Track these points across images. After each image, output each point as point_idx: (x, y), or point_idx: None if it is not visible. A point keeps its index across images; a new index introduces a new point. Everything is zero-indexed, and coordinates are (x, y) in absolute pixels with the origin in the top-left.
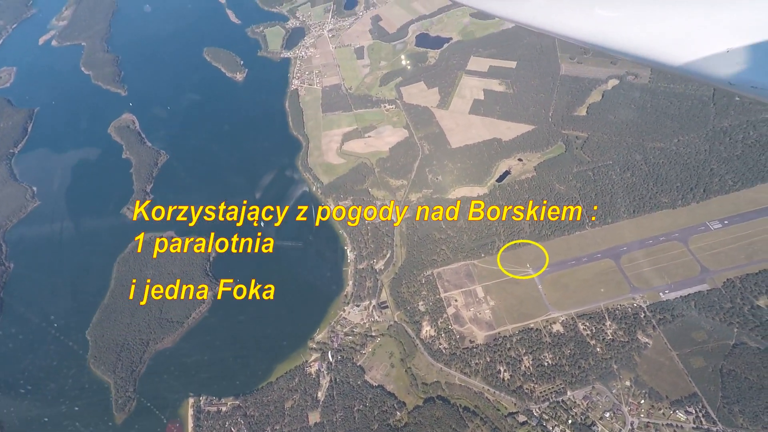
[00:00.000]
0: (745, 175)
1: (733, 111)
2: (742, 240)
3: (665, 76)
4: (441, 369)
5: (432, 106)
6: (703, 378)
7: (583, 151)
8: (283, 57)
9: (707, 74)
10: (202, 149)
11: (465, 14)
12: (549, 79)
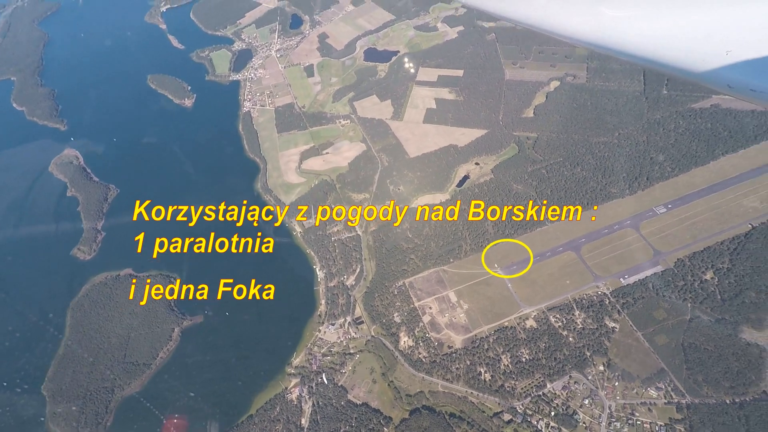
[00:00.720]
0: (680, 161)
1: (663, 104)
2: (685, 221)
3: (600, 75)
4: (423, 378)
5: (386, 118)
6: (667, 354)
7: (535, 150)
8: (232, 80)
9: (706, 77)
10: (155, 180)
11: (409, 27)
12: (495, 85)
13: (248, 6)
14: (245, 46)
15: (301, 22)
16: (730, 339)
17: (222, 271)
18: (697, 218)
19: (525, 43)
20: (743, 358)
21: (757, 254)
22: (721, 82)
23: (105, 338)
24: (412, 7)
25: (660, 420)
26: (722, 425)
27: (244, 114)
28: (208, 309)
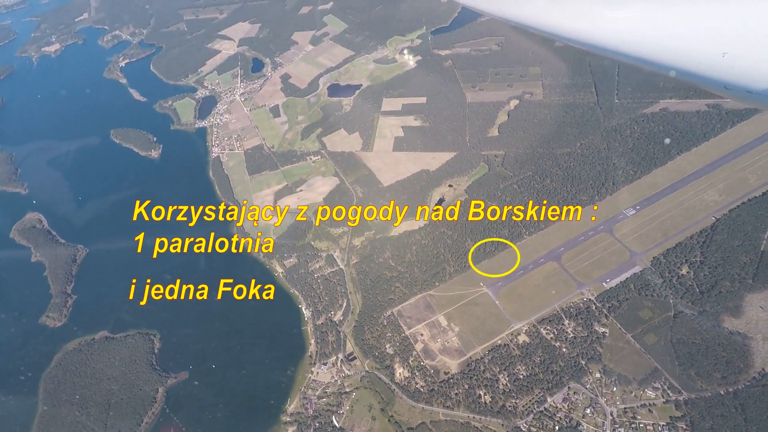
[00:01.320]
0: (641, 164)
1: (617, 112)
2: (654, 220)
3: (555, 90)
4: (423, 409)
5: (356, 150)
6: (658, 352)
7: (504, 167)
8: (199, 127)
9: (702, 78)
10: (127, 234)
11: (369, 62)
12: (458, 108)
13: (208, 54)
14: (209, 93)
15: (262, 65)
16: (714, 330)
17: (204, 320)
18: (665, 216)
19: (480, 66)
20: (729, 347)
21: (725, 245)
22: (718, 84)
23: (83, 409)
24: (370, 42)
25: (661, 420)
26: (721, 417)
27: (213, 160)
28: (192, 364)
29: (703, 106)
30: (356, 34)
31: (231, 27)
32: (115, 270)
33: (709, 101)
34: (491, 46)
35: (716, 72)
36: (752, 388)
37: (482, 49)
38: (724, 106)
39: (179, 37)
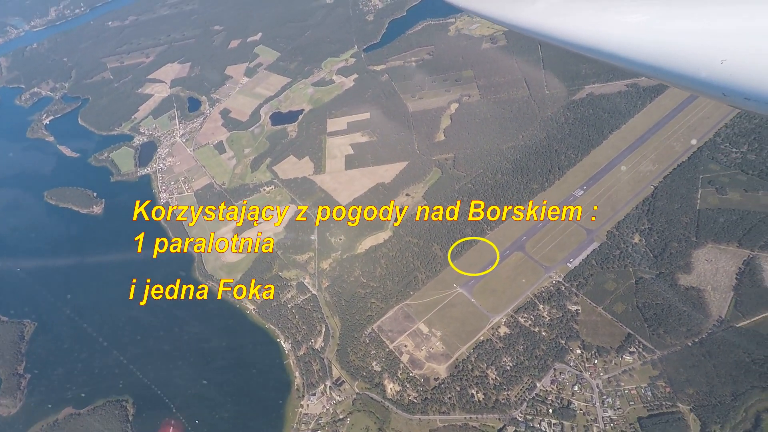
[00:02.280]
0: (579, 147)
1: (549, 102)
2: (602, 197)
3: (490, 89)
4: (420, 420)
5: (309, 174)
6: (628, 319)
7: (456, 168)
8: (141, 175)
9: (700, 86)
10: (78, 302)
11: (307, 86)
12: (402, 119)
13: (140, 100)
14: (147, 139)
15: (199, 103)
16: (672, 289)
17: (180, 372)
18: (610, 192)
19: (416, 76)
20: (687, 302)
21: (666, 209)
22: (716, 91)
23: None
24: (305, 67)
25: (642, 382)
26: (693, 367)
27: (162, 203)
28: (174, 422)
29: (623, 87)
30: (290, 60)
31: (160, 69)
32: (71, 340)
33: (627, 81)
34: (423, 55)
35: (714, 79)
36: (714, 334)
37: (415, 60)
38: (640, 84)
39: (106, 86)
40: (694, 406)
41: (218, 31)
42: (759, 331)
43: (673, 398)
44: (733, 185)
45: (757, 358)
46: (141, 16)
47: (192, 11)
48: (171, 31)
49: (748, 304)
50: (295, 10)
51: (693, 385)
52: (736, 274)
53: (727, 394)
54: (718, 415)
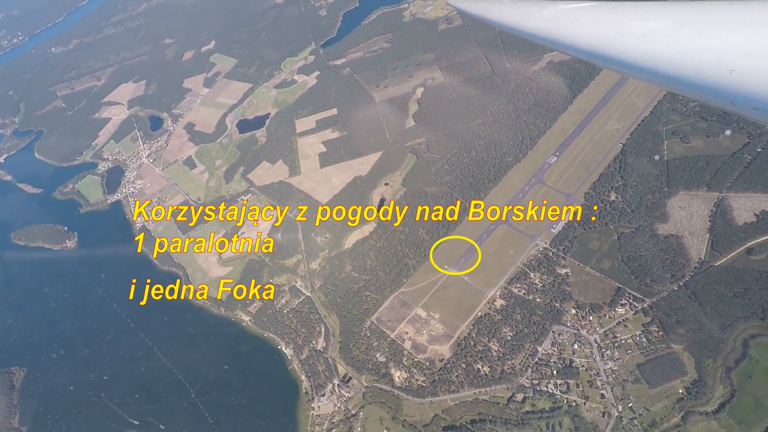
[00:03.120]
0: (546, 115)
1: (511, 75)
2: (575, 161)
3: (452, 69)
4: (431, 402)
5: (285, 177)
6: (616, 273)
7: (430, 152)
8: (112, 202)
9: (708, 94)
10: (68, 343)
11: (270, 89)
12: (370, 109)
13: (98, 125)
14: (111, 164)
15: (161, 121)
16: (653, 239)
17: (183, 395)
18: (582, 154)
19: (378, 66)
20: (668, 249)
21: (636, 164)
22: (724, 101)
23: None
24: (264, 70)
25: (636, 330)
26: (681, 309)
27: (138, 230)
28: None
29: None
30: (248, 65)
31: (114, 91)
32: (65, 379)
33: None
34: (381, 44)
35: (723, 88)
36: (696, 276)
37: (374, 50)
38: None
39: (59, 115)
40: (687, 345)
41: (169, 44)
42: (735, 266)
43: (666, 341)
44: (695, 133)
45: (737, 292)
46: (85, 38)
47: (139, 27)
48: (120, 50)
49: (723, 243)
50: (245, 13)
51: (683, 326)
52: (709, 217)
53: (715, 329)
54: (710, 349)
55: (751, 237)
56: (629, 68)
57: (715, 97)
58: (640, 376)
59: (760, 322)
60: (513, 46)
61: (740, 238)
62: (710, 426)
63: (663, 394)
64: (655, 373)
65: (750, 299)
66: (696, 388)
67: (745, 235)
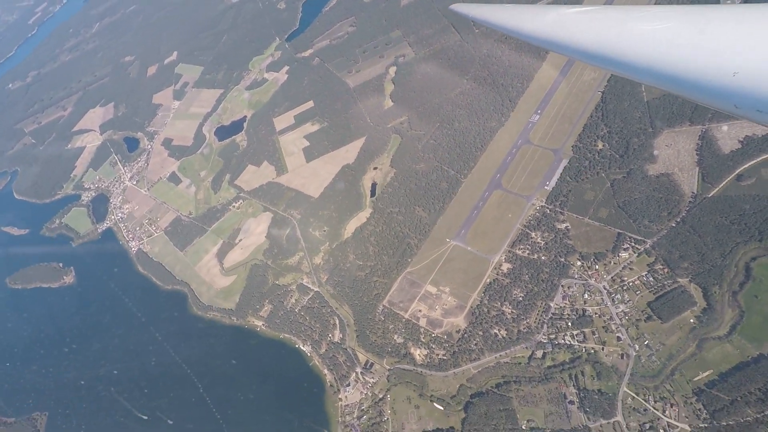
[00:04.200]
0: (521, 75)
1: (481, 40)
2: (557, 116)
3: (422, 44)
4: (455, 374)
5: (273, 178)
6: (614, 220)
7: (414, 129)
8: (103, 230)
9: (712, 97)
10: (88, 385)
11: (242, 92)
12: (346, 96)
13: (73, 156)
14: (95, 193)
15: (137, 141)
16: (645, 181)
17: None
18: (563, 108)
19: (346, 51)
20: (661, 188)
21: (618, 110)
22: (728, 103)
23: None
24: (233, 73)
25: (642, 271)
26: (682, 244)
27: (135, 254)
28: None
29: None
30: (215, 71)
31: (83, 118)
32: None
33: (548, 0)
34: (347, 29)
35: (726, 91)
36: (692, 210)
37: (340, 36)
38: (561, 1)
39: (31, 152)
40: (692, 276)
41: (130, 61)
42: (727, 194)
43: (672, 276)
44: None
45: (733, 218)
46: (42, 69)
47: (96, 49)
48: (80, 75)
49: (713, 174)
50: (202, 19)
51: (686, 259)
52: (696, 151)
53: (716, 257)
54: (714, 277)
55: (738, 164)
56: (633, 71)
57: (719, 100)
58: (652, 313)
59: (758, 243)
60: None
61: (729, 167)
62: (724, 349)
63: (676, 327)
64: (666, 308)
65: (746, 224)
66: (706, 315)
67: (732, 162)
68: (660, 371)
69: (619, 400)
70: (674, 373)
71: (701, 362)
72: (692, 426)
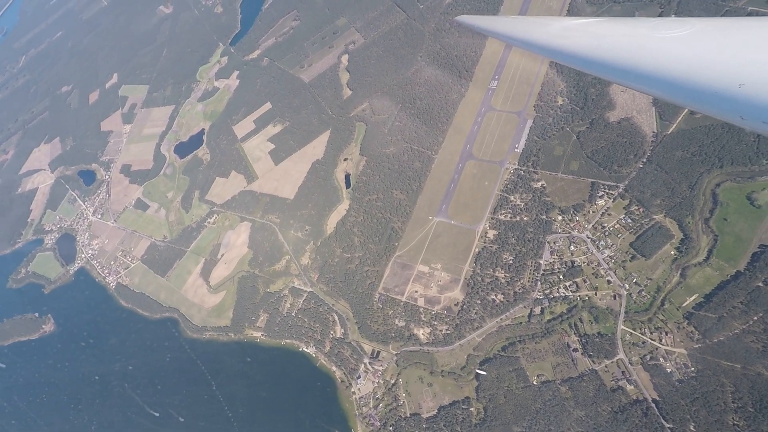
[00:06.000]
0: (473, 44)
1: (428, 15)
2: (514, 78)
3: (369, 28)
4: (461, 345)
5: (244, 186)
6: (585, 170)
7: (377, 114)
8: (75, 271)
9: (718, 109)
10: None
11: (195, 104)
12: (303, 92)
13: (26, 199)
14: (58, 234)
15: (93, 173)
16: (608, 128)
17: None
18: (519, 70)
19: (293, 47)
20: (624, 132)
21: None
22: (734, 114)
23: None
24: (181, 87)
25: (620, 215)
26: (652, 183)
27: (115, 289)
28: None
29: None
30: (162, 88)
31: (29, 159)
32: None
33: None
34: (290, 24)
35: (732, 102)
36: (656, 148)
37: (285, 31)
38: None
39: None
40: (666, 211)
41: (68, 91)
42: (684, 128)
43: (648, 214)
44: (613, 14)
45: (694, 150)
46: None
47: (27, 83)
48: (16, 114)
49: (668, 112)
50: (137, 36)
51: (658, 196)
52: None
53: (685, 189)
54: (686, 208)
55: None
56: (637, 81)
57: (725, 111)
58: (635, 252)
59: (719, 170)
60: None
61: None
62: (705, 272)
63: (659, 261)
64: (647, 245)
65: (706, 154)
66: (684, 245)
67: None
68: (651, 304)
69: (618, 339)
70: (664, 304)
71: (687, 288)
72: (688, 348)
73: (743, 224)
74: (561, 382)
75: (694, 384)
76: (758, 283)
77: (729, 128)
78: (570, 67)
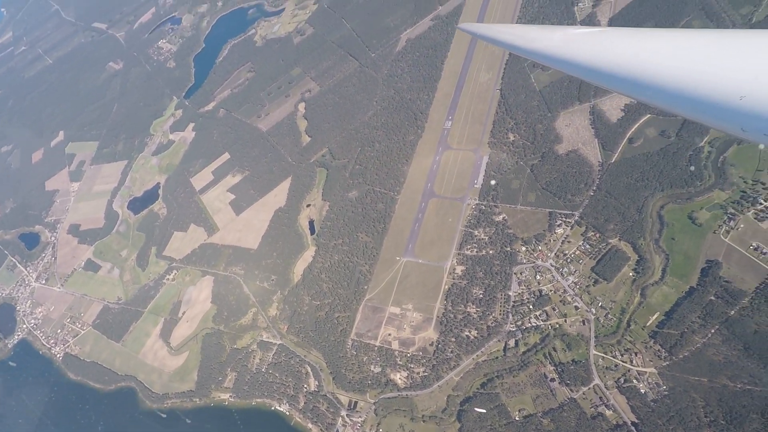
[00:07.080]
0: (426, 86)
1: (380, 61)
2: (467, 118)
3: (324, 76)
4: (439, 386)
5: (205, 239)
6: (542, 201)
7: (337, 159)
8: (14, 345)
9: (720, 121)
10: None
11: (149, 158)
12: (261, 141)
13: None
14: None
15: (36, 236)
16: (558, 160)
17: None
18: (471, 110)
19: (250, 98)
20: (573, 164)
21: (517, 102)
22: (735, 126)
23: None
24: (134, 141)
25: (578, 241)
26: (603, 209)
27: (62, 360)
28: None
29: (429, 22)
30: (114, 143)
31: None
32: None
33: (431, 16)
34: (245, 75)
35: (734, 115)
36: (603, 177)
37: (240, 83)
38: (441, 14)
39: None
40: (620, 235)
41: (9, 151)
42: (626, 156)
43: (604, 239)
44: None
45: (637, 177)
46: None
47: None
48: None
49: (610, 142)
50: (84, 93)
51: (611, 221)
52: (591, 125)
53: (633, 213)
54: (637, 230)
55: (627, 128)
56: (639, 92)
57: (726, 123)
58: (597, 276)
59: (662, 193)
60: (370, 36)
61: (620, 133)
62: (663, 290)
63: (620, 283)
64: (607, 268)
65: (647, 179)
66: (640, 266)
67: (622, 129)
68: (618, 326)
69: (592, 364)
70: (630, 325)
71: (648, 308)
72: (657, 367)
73: (689, 242)
74: (542, 414)
75: (668, 402)
76: (710, 297)
77: (664, 154)
78: (573, 76)
